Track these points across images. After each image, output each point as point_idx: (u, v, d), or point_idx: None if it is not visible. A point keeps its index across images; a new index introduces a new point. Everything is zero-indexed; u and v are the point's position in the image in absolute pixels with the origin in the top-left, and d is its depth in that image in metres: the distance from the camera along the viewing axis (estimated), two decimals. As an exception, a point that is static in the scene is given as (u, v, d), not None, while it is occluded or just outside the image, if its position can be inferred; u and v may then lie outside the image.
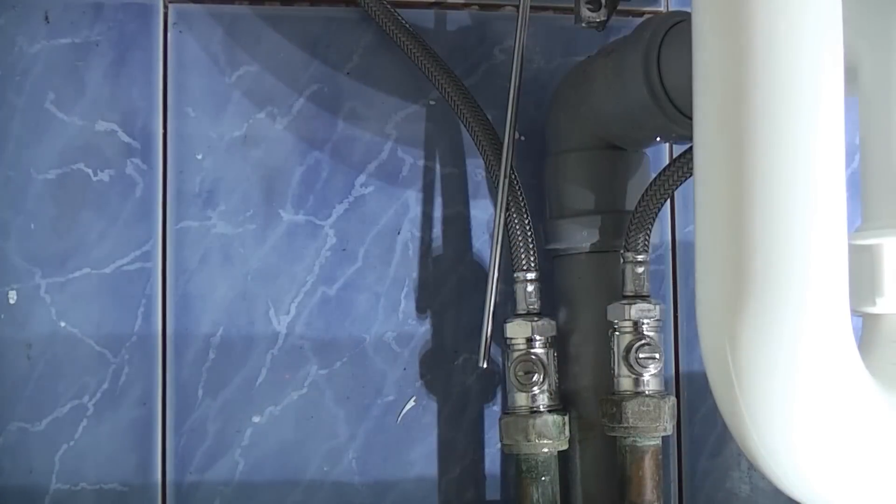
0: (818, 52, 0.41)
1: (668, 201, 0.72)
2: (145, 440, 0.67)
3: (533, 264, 0.64)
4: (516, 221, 0.63)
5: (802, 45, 0.40)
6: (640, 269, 0.62)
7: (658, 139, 0.63)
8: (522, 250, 0.64)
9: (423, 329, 0.69)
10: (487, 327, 0.63)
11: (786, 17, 0.40)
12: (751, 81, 0.41)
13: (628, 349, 0.61)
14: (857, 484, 0.44)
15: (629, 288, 0.62)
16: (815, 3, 0.41)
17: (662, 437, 0.62)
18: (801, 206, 0.40)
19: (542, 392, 0.63)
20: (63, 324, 0.66)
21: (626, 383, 0.62)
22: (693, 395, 0.72)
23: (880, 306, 0.48)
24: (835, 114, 0.41)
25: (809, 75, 0.40)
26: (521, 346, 0.63)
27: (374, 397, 0.69)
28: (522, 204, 0.64)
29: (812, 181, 0.40)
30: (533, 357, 0.63)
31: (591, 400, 0.65)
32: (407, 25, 0.67)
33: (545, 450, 0.63)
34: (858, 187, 0.50)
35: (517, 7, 0.65)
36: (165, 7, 0.68)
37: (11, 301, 0.66)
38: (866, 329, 0.50)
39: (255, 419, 0.67)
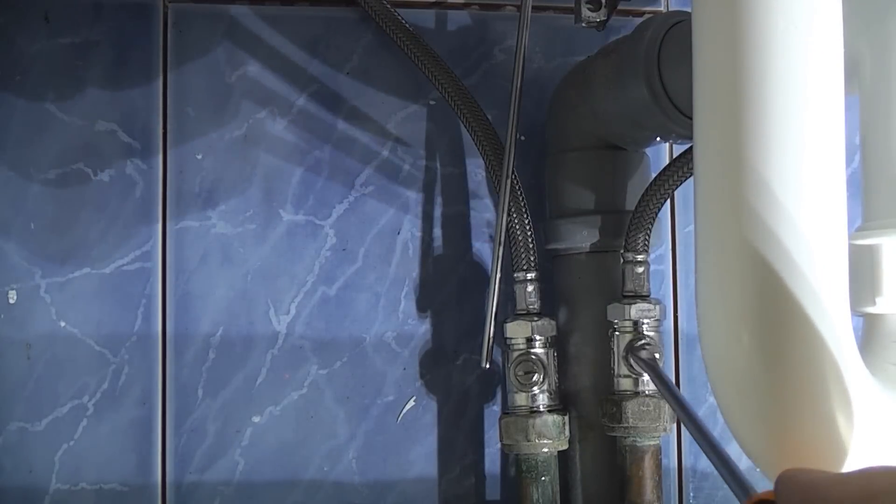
0: (818, 52, 0.41)
1: (668, 201, 0.72)
2: (145, 440, 0.67)
3: (533, 264, 0.64)
4: (516, 222, 0.63)
5: (802, 45, 0.40)
6: (640, 269, 0.62)
7: (658, 139, 0.63)
8: (522, 250, 0.64)
9: (423, 329, 0.69)
10: (490, 328, 0.63)
11: (785, 17, 0.40)
12: (751, 81, 0.41)
13: (628, 349, 0.61)
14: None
15: (629, 288, 0.62)
16: (814, 3, 0.41)
17: (662, 437, 0.62)
18: (802, 205, 0.40)
19: (542, 392, 0.63)
20: (63, 324, 0.66)
21: (626, 383, 0.62)
22: (693, 395, 0.72)
23: (880, 306, 0.48)
24: (835, 113, 0.41)
25: (809, 74, 0.40)
26: (521, 346, 0.63)
27: (374, 397, 0.69)
28: (523, 204, 0.64)
29: (812, 181, 0.40)
30: (533, 357, 0.63)
31: (591, 400, 0.65)
32: (407, 25, 0.67)
33: (545, 450, 0.63)
34: (858, 187, 0.50)
35: (517, 7, 0.65)
36: (165, 7, 0.68)
37: (11, 301, 0.66)
38: (866, 329, 0.50)
39: (255, 419, 0.67)
